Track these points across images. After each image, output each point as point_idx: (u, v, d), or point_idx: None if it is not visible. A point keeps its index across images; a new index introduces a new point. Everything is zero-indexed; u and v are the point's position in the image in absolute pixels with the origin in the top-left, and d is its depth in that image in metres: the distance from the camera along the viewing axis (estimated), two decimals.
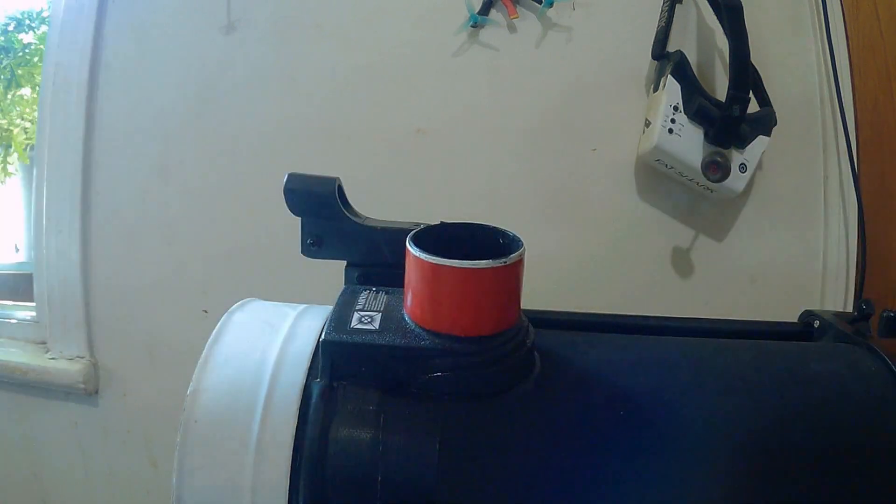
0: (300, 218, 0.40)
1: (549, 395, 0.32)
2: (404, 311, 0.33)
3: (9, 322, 1.09)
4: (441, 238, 0.33)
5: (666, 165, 0.82)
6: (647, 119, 0.83)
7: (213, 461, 0.30)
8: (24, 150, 1.60)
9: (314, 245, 0.40)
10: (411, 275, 0.32)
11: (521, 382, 0.32)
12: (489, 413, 0.31)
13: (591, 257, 0.90)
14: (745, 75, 0.76)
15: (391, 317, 0.33)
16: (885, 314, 0.44)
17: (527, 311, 0.34)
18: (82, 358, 1.00)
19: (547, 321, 0.45)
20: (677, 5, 0.85)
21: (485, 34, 0.88)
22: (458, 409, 0.30)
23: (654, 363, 0.36)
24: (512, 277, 0.32)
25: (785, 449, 0.32)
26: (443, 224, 0.35)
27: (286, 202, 0.39)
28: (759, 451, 0.31)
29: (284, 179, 0.39)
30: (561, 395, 0.33)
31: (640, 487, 0.30)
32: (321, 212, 0.39)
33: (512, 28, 0.88)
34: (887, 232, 0.89)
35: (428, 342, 0.31)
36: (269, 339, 0.34)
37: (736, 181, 0.81)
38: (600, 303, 0.91)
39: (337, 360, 0.31)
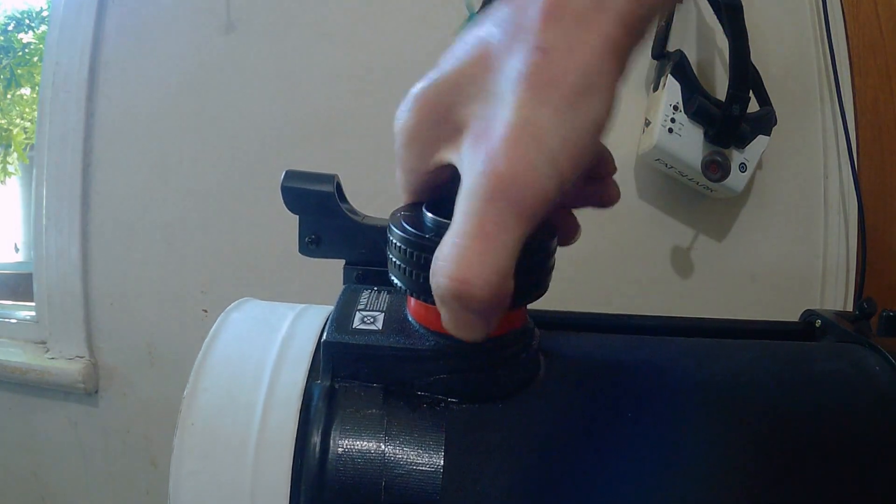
0: (298, 216, 0.40)
1: (555, 398, 0.32)
2: (407, 312, 0.32)
3: (8, 322, 1.09)
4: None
5: (666, 165, 0.82)
6: (646, 118, 0.83)
7: (211, 465, 0.29)
8: (24, 149, 1.60)
9: (312, 243, 0.40)
10: None
11: (527, 384, 0.32)
12: (495, 415, 0.30)
13: (590, 257, 0.89)
14: (745, 75, 0.76)
15: (394, 317, 0.32)
16: (885, 313, 0.44)
17: (528, 312, 0.34)
18: (82, 358, 1.00)
19: (548, 321, 0.44)
20: (677, 5, 0.84)
21: None
22: (463, 412, 0.30)
23: (658, 364, 0.35)
24: None
25: (791, 448, 0.31)
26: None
27: (283, 200, 0.38)
28: (764, 450, 0.31)
29: (282, 176, 0.38)
30: (566, 397, 0.32)
31: (646, 489, 0.30)
32: (319, 209, 0.39)
33: None
34: (888, 231, 0.89)
35: (432, 343, 0.30)
36: (267, 339, 0.33)
37: (736, 181, 0.80)
38: (600, 303, 0.91)
39: (338, 361, 0.30)
